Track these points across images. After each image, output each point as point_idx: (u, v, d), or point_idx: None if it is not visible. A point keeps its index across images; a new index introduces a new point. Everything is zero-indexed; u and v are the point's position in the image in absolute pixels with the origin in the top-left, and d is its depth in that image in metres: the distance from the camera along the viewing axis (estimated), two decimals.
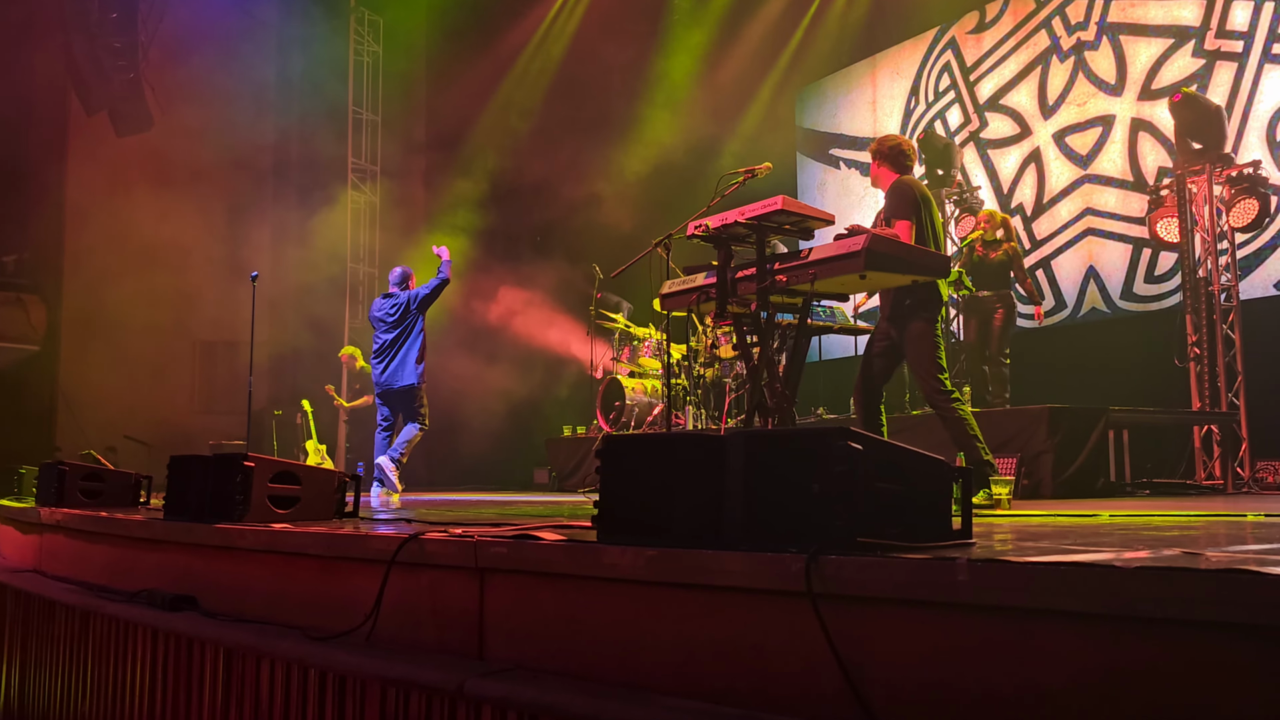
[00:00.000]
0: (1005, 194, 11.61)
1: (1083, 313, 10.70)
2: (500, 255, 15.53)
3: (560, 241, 15.11)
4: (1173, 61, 10.24)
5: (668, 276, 5.83)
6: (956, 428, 5.50)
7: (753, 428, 4.83)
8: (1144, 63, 10.48)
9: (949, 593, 1.92)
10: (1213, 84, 9.84)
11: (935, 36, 12.61)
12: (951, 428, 5.52)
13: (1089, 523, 3.64)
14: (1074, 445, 7.47)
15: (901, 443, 2.37)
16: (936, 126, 12.34)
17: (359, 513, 4.51)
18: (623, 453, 2.64)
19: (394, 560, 3.06)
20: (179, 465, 4.63)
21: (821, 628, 2.03)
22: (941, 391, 5.52)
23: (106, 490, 6.06)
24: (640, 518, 2.53)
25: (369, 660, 2.90)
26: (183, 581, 4.32)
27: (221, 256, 15.37)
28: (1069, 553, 2.11)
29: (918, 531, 2.29)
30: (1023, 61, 11.62)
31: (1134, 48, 10.57)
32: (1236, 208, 8.80)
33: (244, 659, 3.42)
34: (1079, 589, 1.77)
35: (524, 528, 3.12)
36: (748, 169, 5.66)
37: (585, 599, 2.60)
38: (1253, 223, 8.75)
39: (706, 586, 2.31)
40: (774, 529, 2.26)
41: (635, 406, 10.89)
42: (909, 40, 12.91)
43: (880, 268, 4.55)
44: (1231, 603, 1.62)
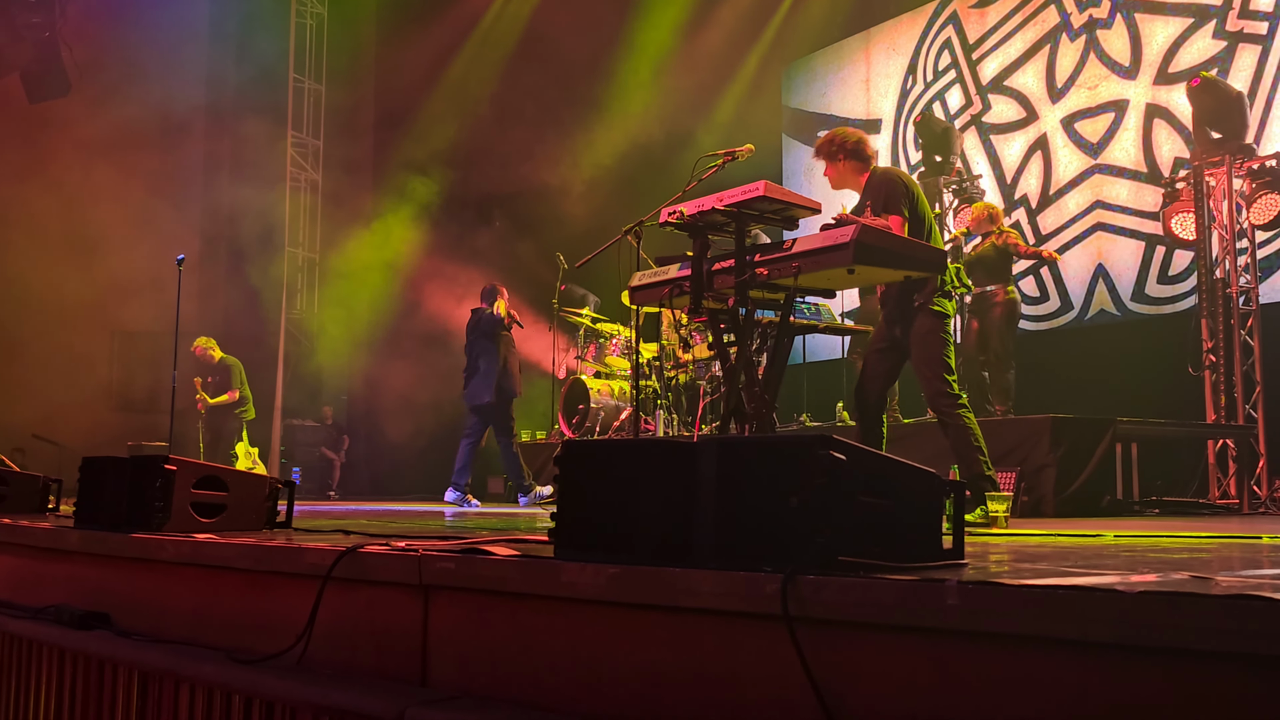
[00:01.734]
0: (1008, 184, 11.69)
1: (1090, 315, 10.79)
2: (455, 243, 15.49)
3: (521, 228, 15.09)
4: (1192, 43, 10.35)
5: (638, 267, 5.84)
6: (959, 436, 5.53)
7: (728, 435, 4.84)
8: (1161, 44, 10.58)
9: (937, 618, 1.92)
10: (1234, 68, 9.95)
11: (935, 10, 12.69)
12: (953, 436, 5.56)
13: (1092, 543, 3.66)
14: (1078, 459, 7.53)
15: (891, 454, 2.38)
16: (935, 108, 12.42)
17: (292, 523, 4.48)
18: (584, 459, 2.63)
19: (329, 575, 3.04)
20: (92, 468, 4.57)
21: (798, 654, 2.03)
22: (948, 395, 5.56)
23: (11, 494, 6.00)
24: (602, 532, 2.53)
25: (300, 686, 2.88)
26: (95, 597, 4.27)
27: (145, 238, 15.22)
28: (1069, 575, 2.13)
29: (905, 551, 2.30)
30: (1029, 40, 11.71)
31: (1150, 27, 10.68)
32: (1258, 203, 8.90)
33: (161, 683, 3.39)
34: (1079, 615, 1.77)
35: (473, 541, 3.11)
36: (727, 151, 5.67)
37: (540, 620, 2.59)
38: (1275, 220, 8.85)
39: (674, 608, 2.30)
40: (748, 546, 2.26)
41: (601, 410, 10.89)
42: (906, 14, 12.98)
43: (870, 261, 4.57)
44: (1243, 632, 1.63)
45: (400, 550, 2.99)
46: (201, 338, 12.94)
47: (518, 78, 15.30)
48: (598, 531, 2.54)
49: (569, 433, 11.09)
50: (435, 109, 15.95)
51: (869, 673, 2.03)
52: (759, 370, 5.21)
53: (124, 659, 3.60)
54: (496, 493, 12.75)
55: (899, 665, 1.99)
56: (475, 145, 15.49)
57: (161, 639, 3.70)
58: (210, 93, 16.84)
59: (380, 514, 7.26)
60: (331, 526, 4.68)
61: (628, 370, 11.13)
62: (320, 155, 17.23)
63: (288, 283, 16.54)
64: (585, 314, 11.54)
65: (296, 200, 16.94)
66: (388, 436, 16.26)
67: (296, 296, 16.95)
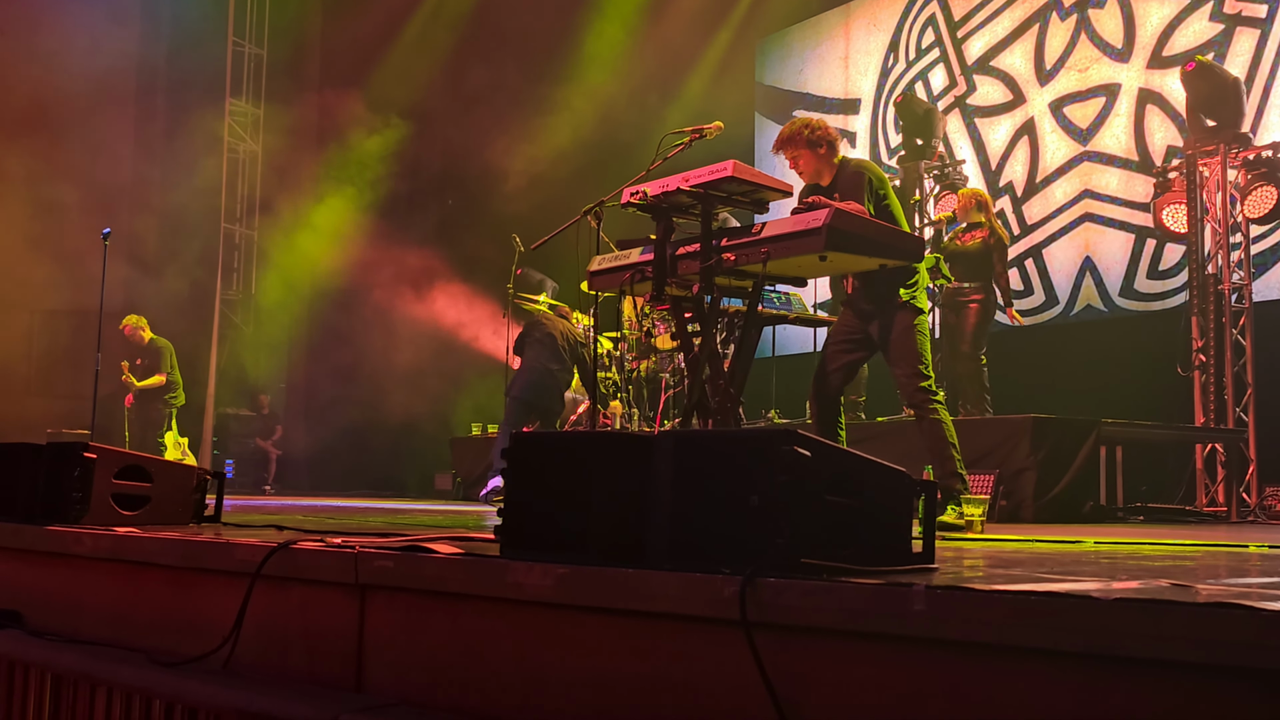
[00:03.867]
0: (993, 170, 11.77)
1: (1076, 310, 10.89)
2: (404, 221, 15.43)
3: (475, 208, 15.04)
4: (1188, 25, 10.45)
5: (598, 251, 5.83)
6: (933, 433, 5.57)
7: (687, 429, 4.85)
8: (1155, 25, 10.67)
9: (903, 624, 1.93)
10: (1231, 53, 10.06)
11: None
12: (927, 432, 5.59)
13: (1071, 550, 3.70)
14: (1060, 462, 7.59)
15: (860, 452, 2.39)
16: (917, 89, 12.48)
17: (221, 517, 4.45)
18: (533, 453, 2.63)
19: (259, 573, 3.02)
20: (5, 455, 4.52)
21: (756, 661, 2.04)
22: (923, 390, 5.60)
23: None
24: (551, 530, 2.53)
25: (225, 690, 2.86)
26: (5, 594, 4.23)
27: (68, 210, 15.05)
28: (1044, 581, 2.14)
29: (872, 553, 2.31)
30: (1018, 18, 11.78)
31: (1145, 8, 10.77)
32: (1252, 195, 9.00)
33: (76, 686, 3.36)
34: (1051, 623, 1.79)
35: (415, 539, 3.10)
36: (695, 128, 5.67)
37: (484, 624, 2.59)
38: (1270, 213, 8.94)
39: (626, 611, 2.31)
40: (705, 546, 2.27)
41: None
42: None
43: (844, 248, 4.59)
44: (1224, 643, 1.65)
45: (335, 547, 2.97)
46: (131, 316, 12.73)
47: (474, 47, 15.24)
48: (547, 530, 2.54)
49: None
50: (386, 79, 15.86)
51: (830, 681, 2.04)
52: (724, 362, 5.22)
53: (35, 660, 3.57)
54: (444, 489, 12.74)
55: (862, 674, 2.00)
56: (428, 119, 15.43)
57: (77, 639, 3.67)
58: (143, 54, 16.65)
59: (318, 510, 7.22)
60: (263, 521, 4.65)
61: None
62: (260, 125, 17.08)
63: (223, 261, 16.40)
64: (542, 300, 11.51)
65: (234, 173, 16.80)
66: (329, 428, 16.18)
67: (233, 276, 16.82)
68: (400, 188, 15.71)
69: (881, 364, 5.98)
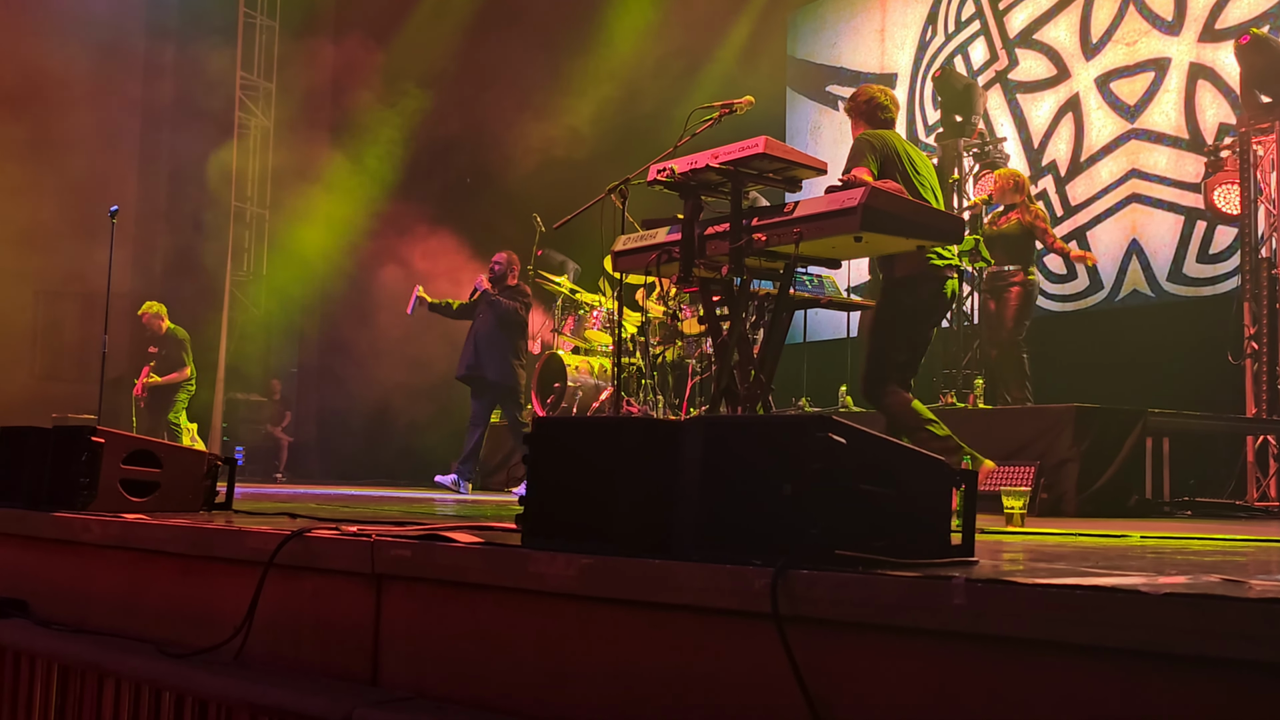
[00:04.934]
0: (1035, 148, 11.70)
1: (1122, 295, 10.82)
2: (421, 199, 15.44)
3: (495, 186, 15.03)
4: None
5: (623, 231, 5.82)
6: (899, 415, 5.55)
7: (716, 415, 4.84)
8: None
9: (942, 619, 1.93)
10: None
11: None
12: (893, 417, 5.59)
13: (1116, 544, 3.68)
14: (1104, 454, 7.55)
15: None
16: (956, 63, 12.40)
17: (232, 505, 4.48)
18: (556, 438, 2.64)
19: (272, 562, 3.04)
20: (11, 439, 4.57)
21: (788, 656, 2.04)
22: (877, 382, 5.61)
23: None
24: (575, 519, 2.54)
25: (237, 683, 2.88)
26: (11, 581, 4.27)
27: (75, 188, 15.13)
28: (1088, 576, 2.13)
29: (909, 545, 2.30)
30: None
31: None
32: None
33: (83, 677, 3.39)
34: (1096, 619, 1.78)
35: (433, 527, 3.11)
36: (724, 103, 5.66)
37: (504, 615, 2.60)
38: None
39: (651, 604, 2.31)
40: (735, 536, 2.27)
41: (579, 389, 10.89)
42: None
43: (879, 228, 4.57)
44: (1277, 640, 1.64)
45: (351, 535, 2.99)
46: (151, 303, 12.62)
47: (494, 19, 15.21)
48: (570, 518, 2.55)
49: (543, 414, 11.09)
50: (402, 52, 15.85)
51: (865, 678, 2.04)
52: (754, 348, 5.22)
53: (42, 650, 3.60)
54: None
55: (898, 670, 2.00)
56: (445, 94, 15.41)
57: (84, 629, 3.70)
58: (150, 26, 16.70)
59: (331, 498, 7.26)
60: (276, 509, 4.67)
61: (609, 346, 11.12)
62: (273, 100, 17.12)
63: (234, 241, 16.45)
64: (563, 282, 11.51)
65: (245, 149, 16.84)
66: (341, 415, 16.23)
67: (243, 256, 16.85)
68: (416, 165, 15.70)
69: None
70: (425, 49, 15.54)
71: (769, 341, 5.18)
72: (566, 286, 11.44)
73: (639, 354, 10.25)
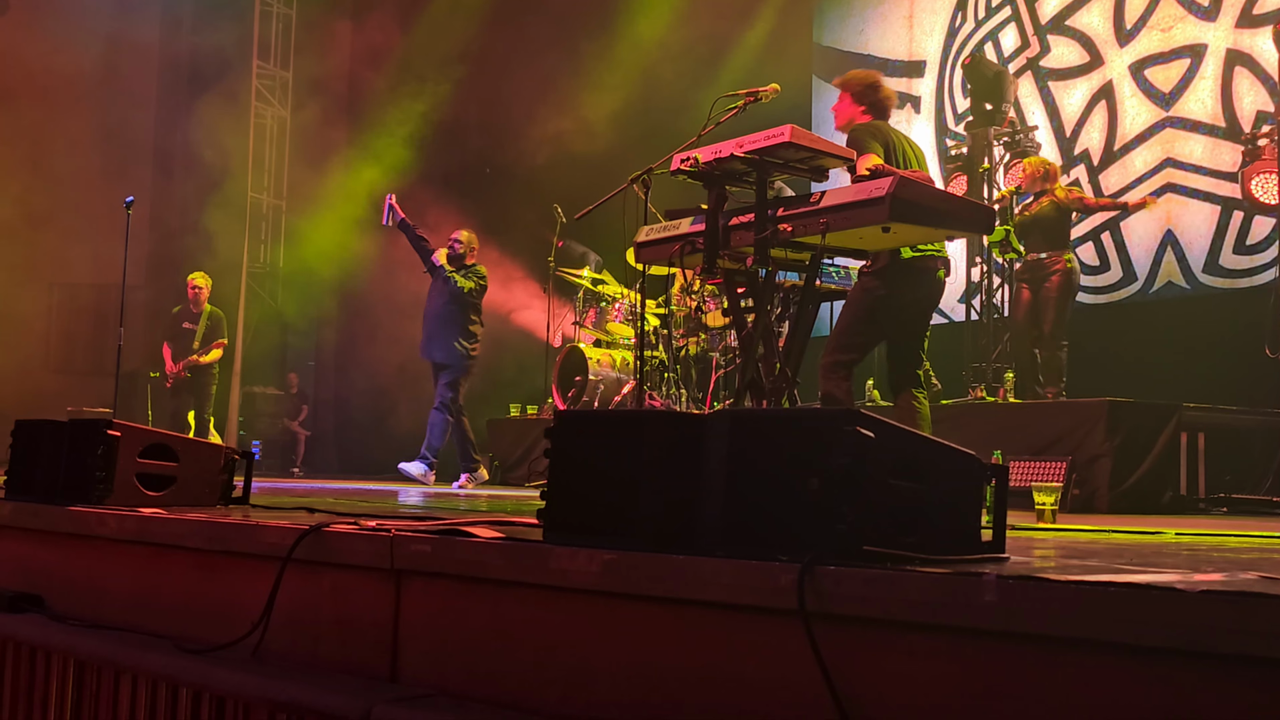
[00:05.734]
0: (1068, 137, 11.64)
1: (1156, 287, 10.77)
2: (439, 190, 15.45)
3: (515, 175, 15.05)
4: None
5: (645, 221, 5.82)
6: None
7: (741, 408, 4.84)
8: None
9: (972, 616, 1.93)
10: None
11: None
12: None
13: (1150, 541, 3.67)
14: (1137, 449, 7.52)
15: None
16: (986, 50, 12.35)
17: (249, 499, 4.49)
18: (579, 432, 2.64)
19: (290, 557, 3.05)
20: (26, 432, 4.59)
21: (815, 654, 2.04)
22: (832, 365, 5.68)
23: None
24: (597, 514, 2.54)
25: (254, 679, 2.89)
26: (26, 576, 4.29)
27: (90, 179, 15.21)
28: (1122, 573, 2.13)
29: (938, 541, 2.30)
30: None
31: None
32: None
33: (99, 673, 3.41)
34: (1132, 616, 1.78)
35: (453, 522, 3.12)
36: (750, 91, 5.65)
37: (526, 612, 2.60)
38: None
39: (675, 600, 2.31)
40: (761, 532, 2.27)
41: (600, 383, 10.90)
42: None
43: (909, 218, 4.54)
44: None
45: (370, 530, 3.00)
46: (200, 274, 12.47)
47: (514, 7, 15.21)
48: (592, 513, 2.55)
49: (563, 407, 11.11)
50: (420, 41, 15.87)
51: (893, 676, 2.03)
52: (779, 340, 5.21)
53: (58, 646, 3.62)
54: None
55: (928, 669, 2.00)
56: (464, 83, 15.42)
57: (100, 625, 3.72)
58: (164, 15, 16.76)
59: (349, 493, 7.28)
60: (293, 504, 4.69)
61: (631, 339, 11.12)
62: (289, 88, 17.15)
63: (249, 232, 16.50)
64: (585, 274, 11.52)
65: (261, 139, 16.88)
66: (360, 409, 16.27)
67: (259, 248, 16.91)
68: (435, 155, 15.72)
69: (942, 343, 5.97)
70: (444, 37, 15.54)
71: (794, 334, 5.17)
72: (588, 278, 11.45)
73: (662, 347, 10.25)
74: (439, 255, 10.40)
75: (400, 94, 15.53)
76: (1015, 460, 7.54)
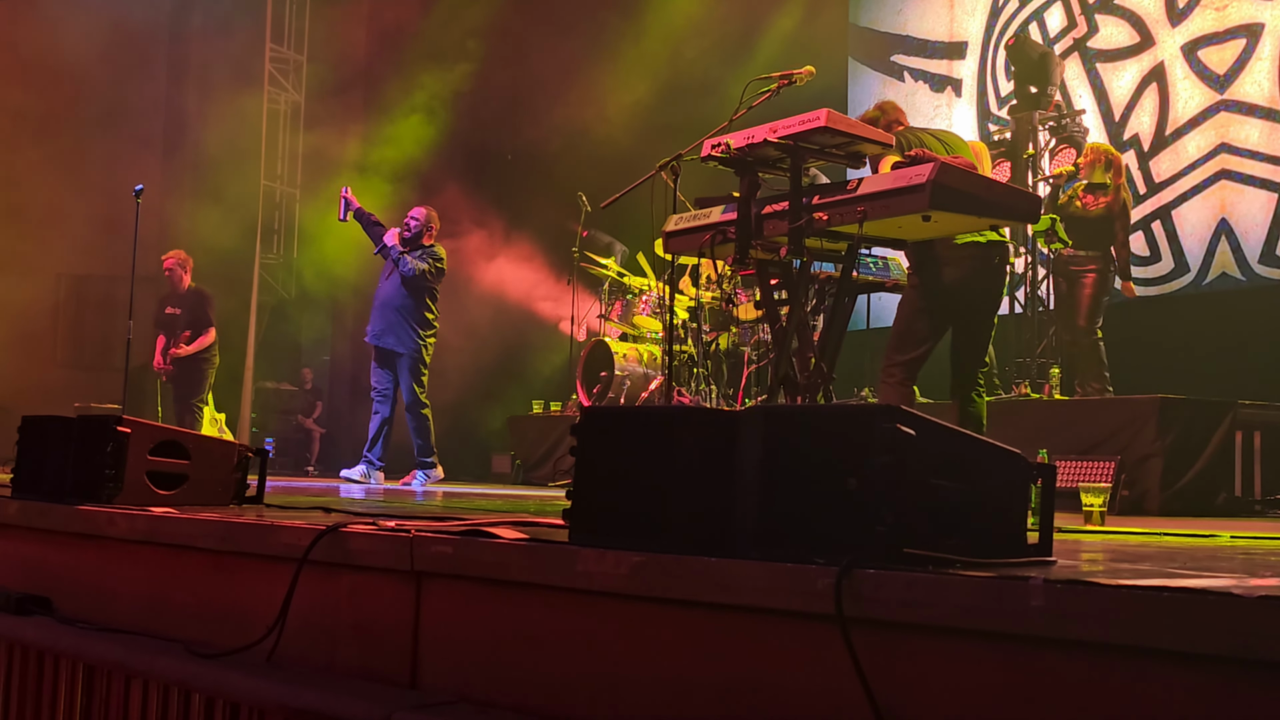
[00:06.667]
0: (1116, 121, 11.58)
1: (1209, 279, 10.70)
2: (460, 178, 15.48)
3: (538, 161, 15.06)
4: None
5: (674, 210, 5.82)
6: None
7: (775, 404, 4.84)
8: None
9: (1018, 622, 1.92)
10: None
11: None
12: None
13: (1204, 544, 3.65)
14: (1190, 448, 7.49)
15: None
16: (1031, 30, 12.29)
17: (263, 498, 4.52)
18: (606, 429, 2.64)
19: (306, 558, 3.06)
20: (33, 429, 4.62)
21: (852, 661, 2.04)
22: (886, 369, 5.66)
23: None
24: (625, 514, 2.54)
25: (270, 684, 2.91)
26: (34, 578, 4.32)
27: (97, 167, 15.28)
28: (1175, 577, 2.12)
29: (982, 544, 2.29)
30: None
31: None
32: None
33: (110, 678, 3.43)
34: (1186, 622, 1.77)
35: (475, 523, 3.12)
36: (783, 74, 5.64)
37: (550, 616, 2.61)
38: None
39: (707, 605, 2.31)
40: (797, 533, 2.26)
41: (627, 378, 10.90)
42: None
43: (951, 206, 4.54)
44: None
45: (389, 531, 3.01)
46: (174, 251, 11.91)
47: None
48: (620, 514, 2.55)
49: (588, 403, 11.12)
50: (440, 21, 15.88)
51: (935, 684, 2.03)
52: (814, 334, 5.21)
53: (66, 649, 3.64)
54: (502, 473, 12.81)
55: (971, 676, 1.99)
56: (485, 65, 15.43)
57: (110, 628, 3.74)
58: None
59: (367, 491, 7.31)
60: (309, 503, 4.72)
61: (659, 333, 11.12)
62: (303, 73, 17.20)
63: (263, 222, 16.56)
64: (610, 265, 11.52)
65: (274, 126, 16.93)
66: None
67: (273, 238, 16.96)
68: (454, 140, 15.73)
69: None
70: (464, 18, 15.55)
71: (830, 327, 5.17)
72: (614, 269, 11.45)
73: (691, 341, 10.24)
74: (391, 235, 10.01)
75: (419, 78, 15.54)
76: (1062, 460, 7.51)
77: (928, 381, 6.65)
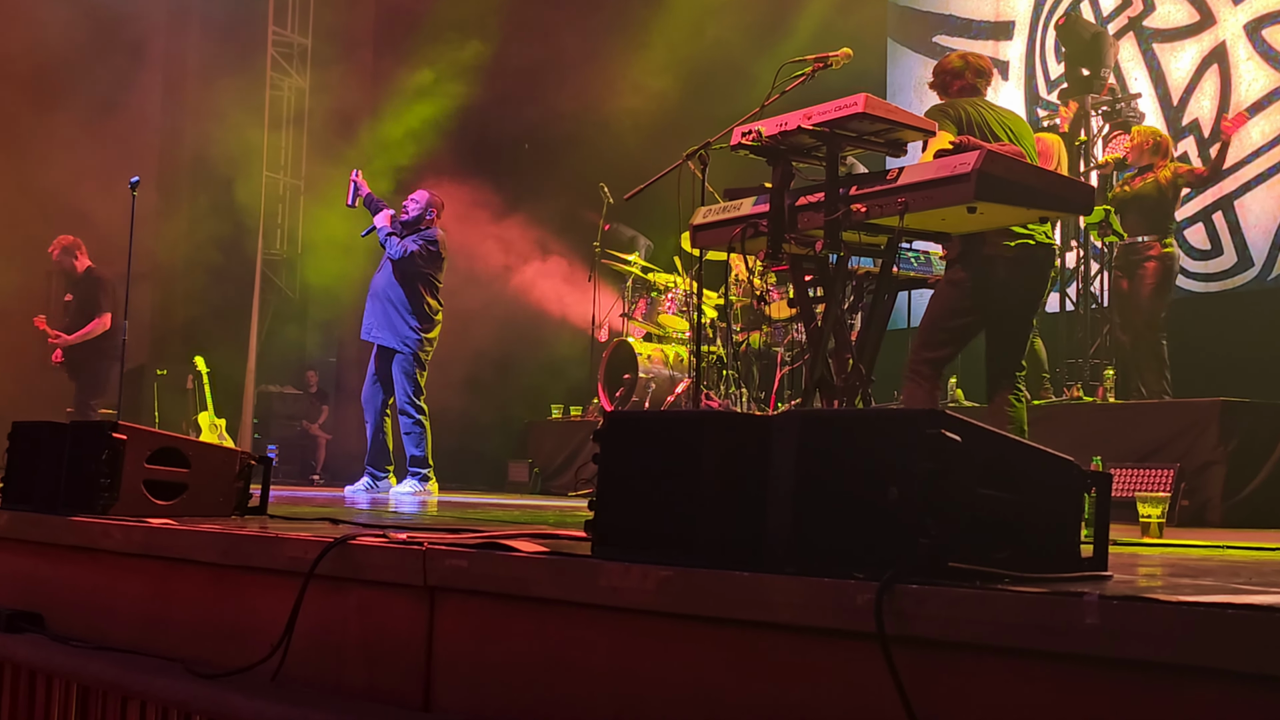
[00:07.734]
0: (1175, 106, 11.54)
1: (1275, 274, 10.65)
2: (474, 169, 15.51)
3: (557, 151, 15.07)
4: None
5: (703, 202, 5.82)
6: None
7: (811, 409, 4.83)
8: None
9: (1072, 640, 1.92)
10: None
11: None
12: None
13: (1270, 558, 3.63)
14: (1254, 455, 7.46)
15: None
16: (1083, 9, 12.26)
17: (267, 508, 4.53)
18: (630, 435, 2.64)
19: (312, 572, 3.07)
20: (24, 435, 4.64)
21: (895, 681, 2.04)
22: (913, 365, 5.66)
23: None
24: (651, 526, 2.54)
25: (274, 706, 2.92)
26: (25, 593, 4.34)
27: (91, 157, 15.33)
28: (1240, 594, 2.11)
29: (1032, 557, 2.29)
30: None
31: None
32: None
33: (105, 699, 3.45)
34: (1251, 641, 1.77)
35: (491, 535, 3.13)
36: (819, 56, 5.64)
37: (573, 633, 2.61)
38: None
39: (739, 622, 2.31)
40: (834, 546, 2.26)
41: (651, 380, 10.90)
42: None
43: (998, 197, 4.52)
44: None
45: (401, 543, 3.01)
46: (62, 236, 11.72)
47: None
48: (646, 526, 2.56)
49: (610, 408, 11.12)
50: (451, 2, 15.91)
51: (982, 706, 2.03)
52: (852, 333, 5.20)
53: (60, 669, 3.66)
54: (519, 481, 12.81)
55: (1021, 698, 1.99)
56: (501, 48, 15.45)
57: (105, 646, 3.75)
58: None
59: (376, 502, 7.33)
60: (315, 514, 4.73)
61: (686, 332, 11.13)
62: (308, 58, 17.25)
63: (265, 215, 16.60)
64: (634, 261, 11.53)
65: (278, 113, 16.98)
66: None
67: (276, 233, 17.01)
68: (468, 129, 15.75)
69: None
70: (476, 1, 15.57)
71: (869, 326, 5.16)
72: (638, 265, 11.45)
73: (720, 341, 10.24)
74: (384, 215, 9.63)
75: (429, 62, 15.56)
76: (1117, 467, 7.48)
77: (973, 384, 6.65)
